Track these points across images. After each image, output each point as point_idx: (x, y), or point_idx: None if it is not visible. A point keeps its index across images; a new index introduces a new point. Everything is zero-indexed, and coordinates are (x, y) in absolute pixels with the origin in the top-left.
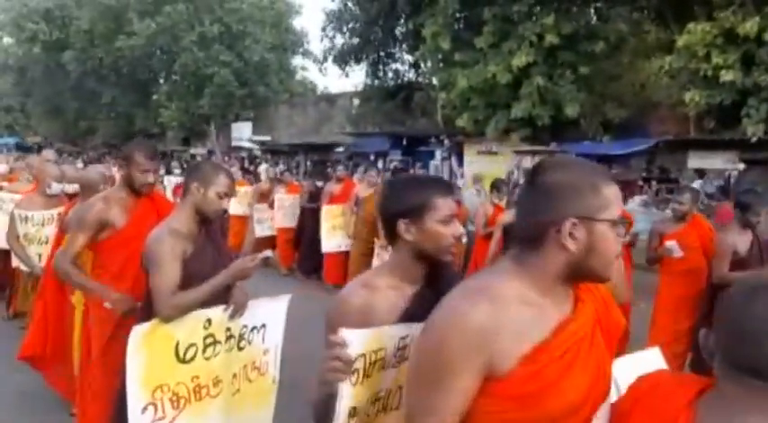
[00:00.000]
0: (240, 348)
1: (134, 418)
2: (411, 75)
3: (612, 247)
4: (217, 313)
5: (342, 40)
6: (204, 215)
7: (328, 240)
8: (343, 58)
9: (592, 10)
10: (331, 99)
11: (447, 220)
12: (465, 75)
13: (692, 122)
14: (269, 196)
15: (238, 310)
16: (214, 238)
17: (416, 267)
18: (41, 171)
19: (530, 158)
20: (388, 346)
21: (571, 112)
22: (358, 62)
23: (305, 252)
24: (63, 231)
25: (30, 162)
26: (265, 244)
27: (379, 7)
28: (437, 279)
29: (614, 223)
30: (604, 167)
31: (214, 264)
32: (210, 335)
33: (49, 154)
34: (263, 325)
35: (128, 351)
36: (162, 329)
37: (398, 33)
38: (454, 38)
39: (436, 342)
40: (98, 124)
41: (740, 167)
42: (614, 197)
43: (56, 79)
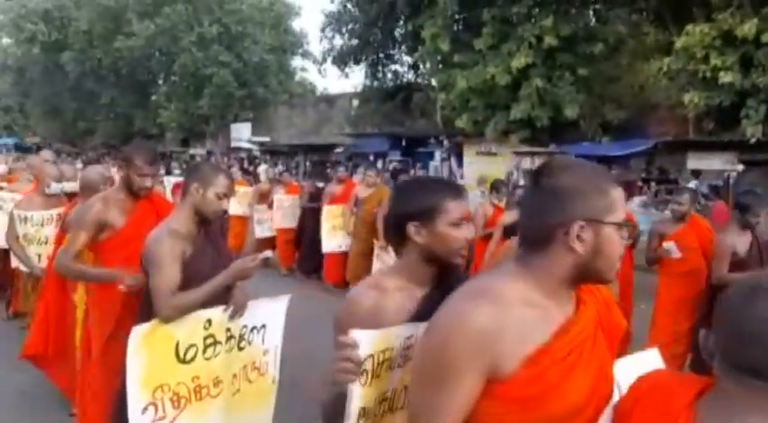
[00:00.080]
0: (240, 349)
1: (134, 418)
2: (410, 76)
3: (617, 250)
4: (217, 314)
5: (341, 42)
6: (203, 216)
7: (329, 240)
8: (342, 60)
9: (591, 12)
10: (330, 100)
11: (458, 223)
12: (464, 76)
13: (691, 124)
14: (268, 197)
15: (238, 311)
16: (213, 239)
17: (425, 270)
18: (40, 171)
19: (529, 159)
20: (395, 347)
21: (570, 114)
22: (357, 63)
23: (305, 252)
24: (64, 231)
25: (31, 162)
26: (266, 245)
27: (378, 9)
28: (446, 281)
29: (620, 226)
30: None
31: (213, 264)
32: (211, 335)
33: (47, 154)
34: (263, 325)
35: (128, 351)
36: (162, 330)
37: (398, 35)
38: (453, 39)
39: (439, 343)
40: (97, 125)
41: (739, 168)
42: (620, 200)
43: (55, 80)
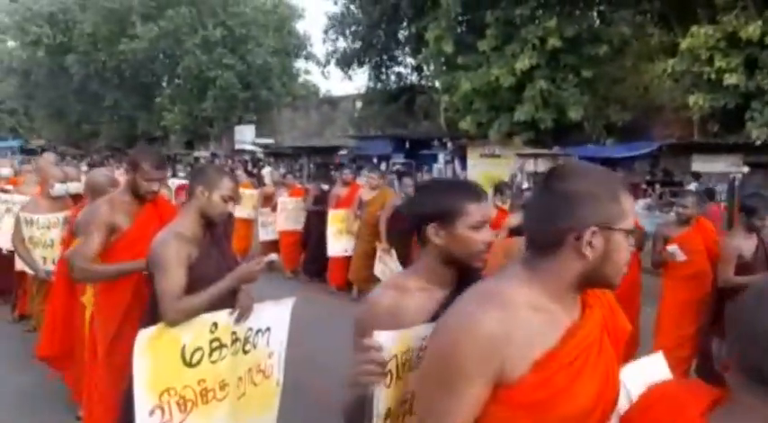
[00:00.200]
0: (245, 352)
1: (141, 421)
2: (414, 78)
3: (625, 256)
4: (223, 317)
5: (344, 44)
6: (209, 219)
7: (334, 244)
8: (345, 62)
9: (595, 13)
10: (334, 102)
11: (478, 226)
12: (468, 78)
13: (696, 126)
14: (273, 200)
15: (244, 314)
16: (219, 242)
17: (445, 271)
18: (45, 173)
19: (533, 162)
20: (414, 347)
21: (574, 116)
22: (361, 65)
23: (311, 255)
24: (72, 234)
25: (38, 165)
26: (271, 248)
27: (381, 11)
28: (467, 284)
29: (629, 232)
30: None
31: (219, 267)
32: (217, 339)
33: (50, 157)
34: (268, 328)
35: (134, 355)
36: (168, 333)
37: (401, 37)
38: (457, 41)
39: (447, 348)
40: (101, 127)
41: (744, 171)
42: (631, 207)
43: (59, 82)
